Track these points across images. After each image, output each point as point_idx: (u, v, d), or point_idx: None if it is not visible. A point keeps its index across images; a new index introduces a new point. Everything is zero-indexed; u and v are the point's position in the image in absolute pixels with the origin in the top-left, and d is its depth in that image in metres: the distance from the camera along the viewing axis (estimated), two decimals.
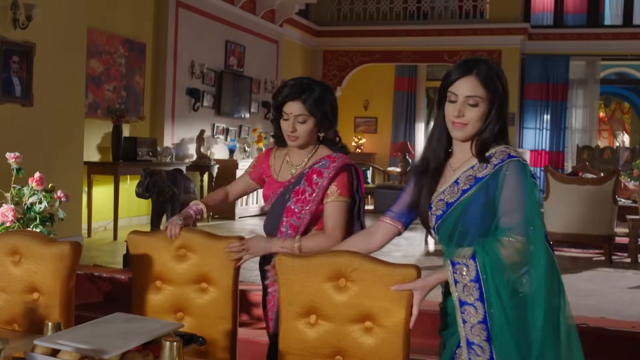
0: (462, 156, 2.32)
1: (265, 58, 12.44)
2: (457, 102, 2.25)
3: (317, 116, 2.71)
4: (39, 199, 4.70)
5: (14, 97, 6.26)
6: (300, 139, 2.73)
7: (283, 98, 2.71)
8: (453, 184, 2.29)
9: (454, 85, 2.26)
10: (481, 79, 2.24)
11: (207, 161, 9.82)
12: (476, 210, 2.22)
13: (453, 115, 2.25)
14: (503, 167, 2.20)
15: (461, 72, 2.26)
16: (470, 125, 2.25)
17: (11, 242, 2.64)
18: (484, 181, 2.22)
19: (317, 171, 2.73)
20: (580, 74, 14.55)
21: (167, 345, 1.94)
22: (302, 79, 2.77)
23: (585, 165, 11.56)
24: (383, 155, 16.09)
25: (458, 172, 2.31)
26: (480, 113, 2.24)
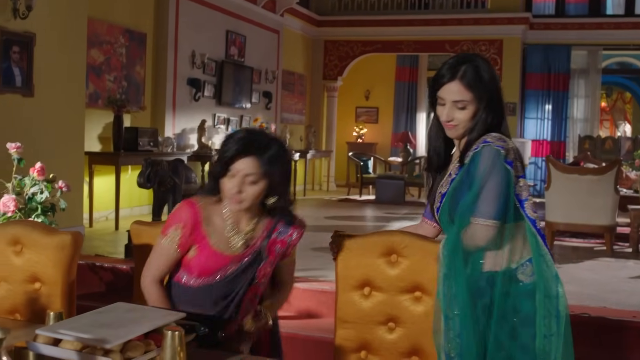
0: (457, 149, 2.39)
1: (266, 48, 12.42)
2: (446, 105, 2.30)
3: (270, 177, 2.31)
4: (40, 189, 4.70)
5: (15, 88, 6.25)
6: (246, 203, 2.32)
7: (234, 152, 2.29)
8: (447, 176, 2.36)
9: (442, 89, 2.31)
10: (466, 83, 2.27)
11: (208, 151, 9.81)
12: (461, 195, 2.25)
13: (443, 119, 2.32)
14: (477, 152, 2.25)
15: (447, 76, 2.29)
16: (461, 125, 2.30)
17: (12, 232, 2.64)
18: (465, 167, 2.27)
19: (280, 241, 2.44)
20: (581, 63, 14.52)
21: (169, 334, 1.93)
22: (257, 132, 2.38)
23: (586, 155, 11.56)
24: (384, 145, 16.08)
25: (453, 164, 2.37)
26: (469, 114, 2.29)
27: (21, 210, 4.61)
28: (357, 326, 2.60)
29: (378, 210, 11.02)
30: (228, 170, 2.29)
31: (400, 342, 2.57)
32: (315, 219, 9.82)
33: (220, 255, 2.37)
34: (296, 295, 5.11)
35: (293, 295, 5.12)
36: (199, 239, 2.37)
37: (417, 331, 2.53)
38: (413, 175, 13.76)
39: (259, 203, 2.38)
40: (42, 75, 6.47)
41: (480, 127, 2.29)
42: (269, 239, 2.41)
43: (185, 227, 2.36)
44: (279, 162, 2.32)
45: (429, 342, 2.37)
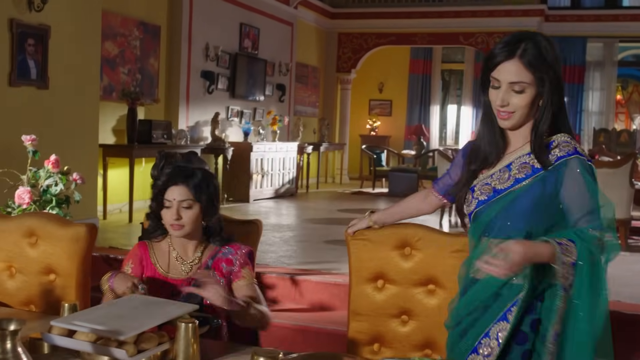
0: (514, 141, 2.12)
1: (280, 40, 12.40)
2: (501, 88, 2.04)
3: (202, 201, 2.48)
4: (55, 182, 4.73)
5: (30, 80, 6.27)
6: (187, 227, 2.46)
7: (165, 183, 2.49)
8: (504, 169, 2.09)
9: (497, 69, 2.04)
10: (526, 61, 2.00)
11: (221, 144, 9.82)
12: (527, 204, 2.01)
13: (497, 104, 2.06)
14: (566, 163, 2.00)
15: (504, 54, 2.02)
16: (517, 113, 2.04)
17: (27, 224, 2.66)
18: (542, 174, 2.01)
19: (225, 259, 2.52)
20: (597, 56, 14.42)
21: (183, 326, 1.95)
22: (181, 164, 2.55)
23: (601, 148, 11.50)
24: (397, 138, 16.04)
25: (511, 156, 2.11)
26: (528, 99, 2.02)
27: (36, 202, 4.64)
28: (370, 319, 2.61)
29: (391, 203, 10.92)
30: (164, 202, 2.47)
31: (414, 335, 2.58)
32: (328, 212, 9.83)
33: (169, 280, 2.51)
34: (309, 287, 5.14)
35: (306, 288, 5.16)
36: (151, 269, 2.53)
37: (430, 324, 2.53)
38: (426, 168, 13.73)
39: (201, 229, 2.54)
40: (56, 67, 6.50)
41: (548, 117, 2.04)
42: (213, 260, 2.52)
43: (133, 261, 2.55)
44: (205, 186, 2.50)
45: (442, 335, 2.35)
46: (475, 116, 15.62)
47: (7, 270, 2.68)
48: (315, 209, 10.22)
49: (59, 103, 6.56)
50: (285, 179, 11.31)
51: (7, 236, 2.66)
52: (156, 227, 2.55)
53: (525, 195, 2.01)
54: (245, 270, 2.52)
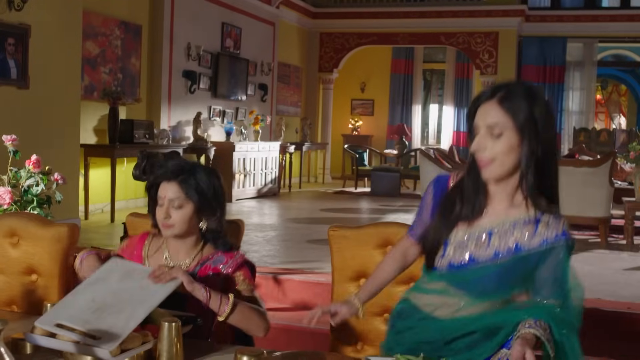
0: (498, 200, 1.97)
1: (262, 40, 12.40)
2: (479, 133, 1.90)
3: (194, 200, 2.30)
4: (36, 182, 4.71)
5: (10, 80, 6.24)
6: (176, 228, 2.30)
7: (155, 179, 2.33)
8: (485, 235, 1.95)
9: (477, 113, 1.93)
10: (505, 102, 1.88)
11: (204, 143, 9.80)
12: (502, 279, 1.92)
13: (474, 148, 1.91)
14: (554, 249, 1.90)
15: (483, 97, 1.93)
16: (497, 161, 1.88)
17: (9, 224, 2.65)
18: (525, 255, 1.91)
19: (212, 268, 2.33)
20: (577, 56, 14.54)
21: (166, 326, 1.95)
22: (183, 160, 2.39)
23: (581, 147, 11.60)
24: (380, 138, 16.08)
25: (493, 221, 1.96)
26: (507, 145, 1.87)
27: (17, 203, 4.61)
28: (353, 318, 2.60)
29: (373, 203, 11.03)
30: (157, 200, 2.32)
31: None
32: (310, 211, 9.84)
33: None
34: (292, 287, 5.15)
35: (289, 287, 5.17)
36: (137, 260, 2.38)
37: None
38: (409, 167, 13.78)
39: (197, 231, 2.36)
40: (37, 67, 6.46)
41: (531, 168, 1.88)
42: (201, 267, 2.34)
43: (128, 245, 2.45)
44: (202, 185, 2.31)
45: None
46: (457, 115, 15.71)
47: None
48: (298, 208, 10.23)
49: (39, 103, 6.52)
50: (267, 178, 11.31)
51: None
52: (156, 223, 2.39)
53: (502, 271, 1.92)
54: (238, 277, 2.34)
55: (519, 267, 1.90)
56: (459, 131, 15.67)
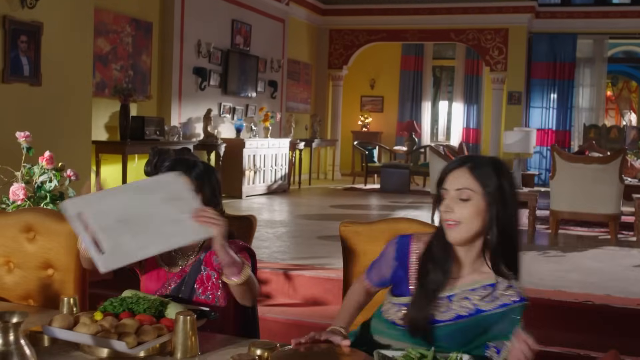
0: (461, 267, 2.08)
1: (272, 37, 12.42)
2: (447, 197, 2.04)
3: (205, 191, 2.45)
4: (49, 178, 4.75)
5: (23, 77, 6.28)
6: None
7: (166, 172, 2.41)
8: (445, 298, 2.05)
9: (445, 180, 2.06)
10: (473, 170, 2.02)
11: (214, 140, 9.84)
12: (461, 337, 2.04)
13: (442, 211, 2.04)
14: (511, 310, 2.03)
15: (452, 166, 2.07)
16: (464, 224, 2.00)
17: (26, 219, 2.68)
18: (484, 316, 2.03)
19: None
20: (587, 52, 14.50)
21: (181, 319, 1.99)
22: (185, 157, 2.53)
23: (592, 144, 11.56)
24: (389, 134, 16.09)
25: (455, 287, 2.07)
26: (473, 210, 2.00)
27: (30, 199, 4.66)
28: (364, 312, 2.62)
29: (383, 199, 11.04)
30: None
31: None
32: (320, 208, 9.87)
33: (163, 273, 2.50)
34: (303, 282, 5.18)
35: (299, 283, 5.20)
36: (150, 259, 2.48)
37: None
38: (418, 164, 13.79)
39: None
40: (49, 64, 6.50)
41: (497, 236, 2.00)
42: (207, 252, 2.46)
43: None
44: (207, 177, 2.50)
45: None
46: (467, 112, 15.70)
47: (5, 265, 2.70)
48: (308, 205, 10.26)
49: (51, 100, 6.57)
50: (277, 175, 11.34)
51: (5, 231, 2.68)
52: None
53: (460, 331, 2.03)
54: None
55: (478, 327, 2.03)
56: (468, 128, 15.65)
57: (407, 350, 1.92)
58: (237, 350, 1.99)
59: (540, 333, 4.43)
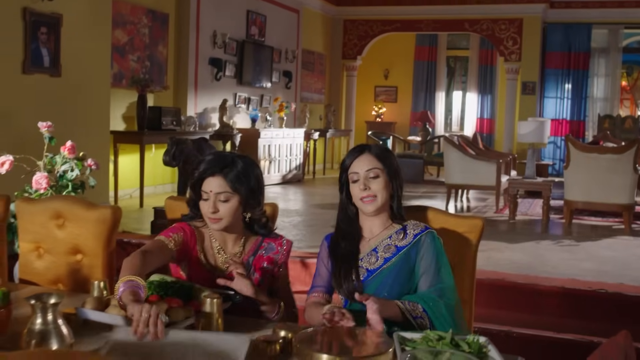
0: (376, 229, 2.47)
1: (286, 27, 12.48)
2: (360, 179, 2.41)
3: (240, 193, 2.39)
4: (70, 167, 4.84)
5: (43, 68, 6.38)
6: (224, 221, 2.38)
7: (201, 174, 2.39)
8: (371, 252, 2.44)
9: (352, 166, 2.44)
10: (374, 153, 2.45)
11: (229, 130, 9.92)
12: (396, 276, 2.39)
13: (360, 190, 2.40)
14: (422, 238, 2.42)
15: (355, 153, 2.46)
16: (379, 196, 2.41)
17: (55, 207, 2.77)
18: (405, 250, 2.41)
19: (266, 258, 2.49)
20: (602, 42, 14.45)
21: (208, 302, 2.07)
22: (223, 152, 2.47)
23: (606, 134, 11.56)
24: (403, 125, 16.13)
25: (374, 241, 2.46)
26: (383, 183, 2.42)
27: (52, 188, 4.75)
28: None
29: None
30: (202, 193, 2.39)
31: None
32: (335, 197, 9.88)
33: (209, 274, 2.42)
34: None
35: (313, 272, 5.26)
36: (193, 256, 2.44)
37: None
38: (432, 154, 13.82)
39: (241, 221, 2.46)
40: (69, 55, 6.60)
41: (398, 199, 2.47)
42: (255, 256, 2.48)
43: (183, 240, 2.41)
44: (245, 177, 2.39)
45: None
46: (481, 102, 15.71)
47: (35, 251, 2.80)
48: (322, 194, 10.33)
49: (71, 90, 6.66)
50: (292, 165, 11.42)
51: (35, 218, 2.77)
52: (195, 215, 2.47)
53: (395, 269, 2.40)
54: (282, 271, 2.53)
55: (404, 264, 2.40)
56: (482, 118, 15.67)
57: (425, 332, 1.99)
58: (261, 332, 2.06)
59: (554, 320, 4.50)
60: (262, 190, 2.49)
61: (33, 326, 1.76)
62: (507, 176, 9.14)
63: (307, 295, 2.52)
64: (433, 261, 2.39)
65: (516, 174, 10.14)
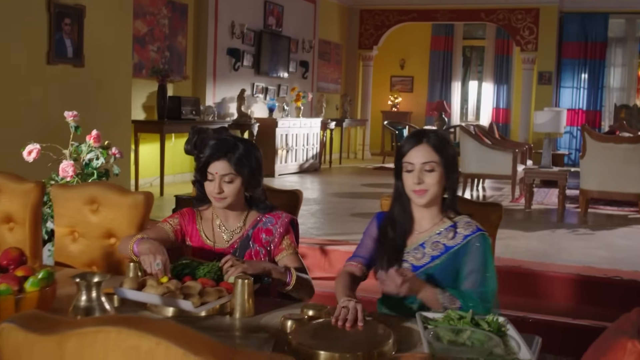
0: (425, 222, 2.45)
1: (303, 18, 12.55)
2: (415, 170, 2.37)
3: (243, 174, 2.58)
4: (96, 156, 4.96)
5: (66, 58, 6.50)
6: (229, 199, 2.58)
7: (207, 158, 2.57)
8: (418, 247, 2.42)
9: (408, 155, 2.39)
10: (432, 144, 2.38)
11: (247, 120, 10.03)
12: (441, 275, 2.37)
13: (413, 183, 2.37)
14: (472, 240, 2.38)
15: (413, 142, 2.40)
16: (431, 190, 2.37)
17: (89, 192, 2.89)
18: (454, 250, 2.38)
19: (264, 230, 2.63)
20: (619, 32, 14.42)
21: (240, 282, 2.17)
22: (225, 136, 2.65)
23: (622, 124, 11.57)
24: (419, 114, 16.17)
25: (422, 236, 2.44)
26: (437, 177, 2.37)
27: (78, 176, 4.87)
28: None
29: None
30: (207, 175, 2.57)
31: None
32: (352, 186, 10.04)
33: (210, 248, 2.62)
34: (338, 257, 5.36)
35: (335, 257, 5.39)
36: (194, 233, 2.66)
37: None
38: None
39: (243, 200, 2.65)
40: (91, 46, 6.71)
41: (452, 192, 2.43)
42: (254, 229, 2.63)
43: (180, 221, 2.67)
44: (247, 159, 2.57)
45: None
46: (497, 92, 15.73)
47: (70, 235, 2.92)
48: (339, 183, 10.43)
49: (93, 80, 6.78)
50: (309, 154, 11.52)
51: (70, 204, 2.89)
52: (204, 196, 2.65)
53: (440, 269, 2.38)
54: (286, 241, 2.63)
55: (450, 264, 2.38)
56: (498, 108, 15.68)
57: (447, 312, 2.09)
58: (289, 312, 2.17)
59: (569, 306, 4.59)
60: (261, 170, 2.67)
61: (78, 303, 1.86)
62: (523, 165, 9.20)
63: (346, 261, 2.56)
64: (481, 265, 2.36)
65: (532, 163, 10.19)
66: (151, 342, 0.98)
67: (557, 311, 4.41)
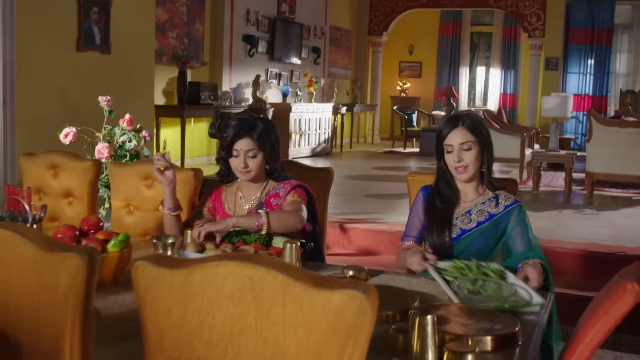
0: (470, 193, 2.81)
1: (315, 4, 12.79)
2: (454, 150, 2.72)
3: (265, 149, 2.82)
4: (129, 138, 5.26)
5: (95, 46, 6.78)
6: (253, 172, 2.84)
7: (232, 137, 2.81)
8: (466, 214, 2.77)
9: (448, 138, 2.74)
10: (467, 127, 2.73)
11: (262, 104, 10.31)
12: (484, 237, 2.74)
13: (454, 162, 2.72)
14: (513, 210, 2.75)
15: (450, 126, 2.75)
16: (470, 166, 2.73)
17: (144, 169, 3.20)
18: (497, 218, 2.75)
19: (273, 194, 2.89)
20: (625, 18, 14.63)
21: (288, 246, 2.46)
22: (245, 116, 2.89)
23: (627, 109, 11.81)
24: (427, 100, 16.42)
25: (469, 205, 2.79)
26: (475, 155, 2.72)
27: (112, 157, 5.17)
28: None
29: (423, 162, 11.46)
30: (232, 152, 2.83)
31: None
32: (364, 170, 10.33)
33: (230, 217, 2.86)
34: (357, 234, 5.68)
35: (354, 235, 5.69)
36: (219, 206, 2.95)
37: None
38: None
39: (264, 172, 2.91)
40: (117, 34, 6.99)
41: (488, 167, 2.77)
42: (267, 196, 2.89)
43: (209, 199, 2.97)
44: (267, 135, 2.83)
45: None
46: (504, 78, 15.96)
47: (126, 208, 3.22)
48: (351, 166, 10.71)
49: (119, 67, 7.06)
50: (321, 138, 11.81)
51: (126, 180, 3.20)
52: (228, 171, 2.93)
53: (485, 233, 2.74)
54: (290, 197, 2.84)
55: (493, 229, 2.75)
56: (505, 93, 15.92)
57: (453, 261, 2.44)
58: (331, 272, 2.47)
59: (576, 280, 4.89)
60: (279, 145, 2.93)
61: None
62: (531, 149, 9.48)
63: (401, 241, 2.88)
64: (525, 229, 2.72)
65: (539, 147, 10.46)
66: (261, 271, 1.28)
67: (564, 284, 4.67)
